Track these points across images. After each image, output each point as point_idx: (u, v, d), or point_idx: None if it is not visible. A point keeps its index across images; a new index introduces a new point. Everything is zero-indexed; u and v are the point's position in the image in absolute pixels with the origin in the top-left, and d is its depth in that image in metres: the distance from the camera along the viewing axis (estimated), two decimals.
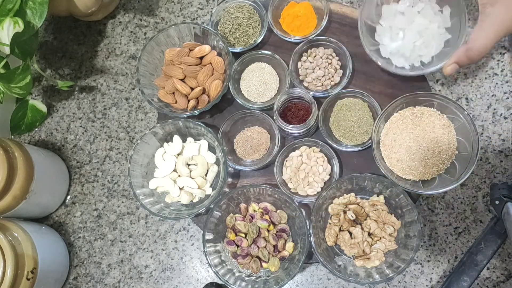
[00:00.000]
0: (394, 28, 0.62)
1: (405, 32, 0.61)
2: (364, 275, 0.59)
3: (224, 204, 0.63)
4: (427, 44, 0.61)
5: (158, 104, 0.68)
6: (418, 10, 0.61)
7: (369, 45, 0.62)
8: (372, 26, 0.64)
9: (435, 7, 0.62)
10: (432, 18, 0.61)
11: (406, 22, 0.61)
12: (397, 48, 0.62)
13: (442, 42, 0.62)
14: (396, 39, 0.62)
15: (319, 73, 0.66)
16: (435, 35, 0.61)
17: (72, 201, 0.74)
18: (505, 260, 0.62)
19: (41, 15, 0.62)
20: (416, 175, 0.61)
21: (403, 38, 0.61)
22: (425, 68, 0.62)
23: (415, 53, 0.62)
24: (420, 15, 0.61)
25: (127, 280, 0.70)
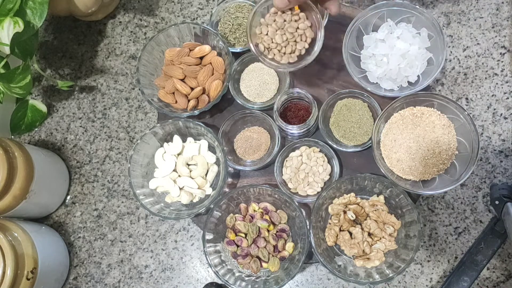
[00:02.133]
0: (378, 55, 0.64)
1: (388, 57, 0.63)
2: (364, 275, 0.59)
3: (224, 204, 0.63)
4: (412, 65, 0.63)
5: (158, 104, 0.68)
6: (397, 35, 0.64)
7: (356, 74, 0.64)
8: (356, 55, 0.66)
9: (412, 31, 0.64)
10: (412, 41, 0.63)
11: (388, 48, 0.63)
12: (383, 72, 0.64)
13: (425, 60, 0.64)
14: (381, 65, 0.64)
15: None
16: (417, 56, 0.63)
17: (72, 201, 0.74)
18: (505, 260, 0.62)
19: (41, 15, 0.62)
20: (416, 175, 0.61)
21: (388, 63, 0.63)
22: (413, 86, 0.64)
23: (401, 75, 0.64)
24: (400, 40, 0.63)
25: (127, 280, 0.70)
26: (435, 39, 0.62)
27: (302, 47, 0.55)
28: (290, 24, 0.54)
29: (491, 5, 0.70)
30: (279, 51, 0.56)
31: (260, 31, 0.55)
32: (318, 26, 0.54)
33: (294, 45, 0.55)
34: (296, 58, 0.55)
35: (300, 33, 0.55)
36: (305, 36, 0.55)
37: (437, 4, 0.71)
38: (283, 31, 0.54)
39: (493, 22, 0.69)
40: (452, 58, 0.69)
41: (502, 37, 0.69)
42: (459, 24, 0.70)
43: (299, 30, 0.54)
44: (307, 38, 0.55)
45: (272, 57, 0.56)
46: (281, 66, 0.57)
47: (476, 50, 0.69)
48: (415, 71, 0.63)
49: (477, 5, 0.70)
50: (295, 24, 0.54)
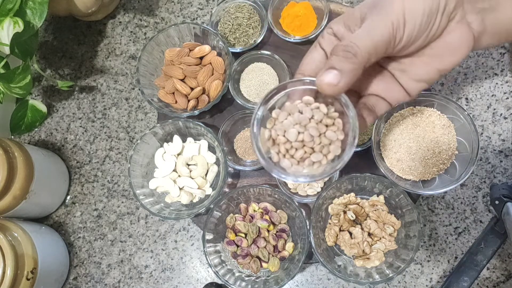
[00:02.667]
0: None
1: None
2: (364, 275, 0.59)
3: (224, 204, 0.63)
4: None
5: (158, 104, 0.68)
6: None
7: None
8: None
9: None
10: None
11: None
12: None
13: None
14: None
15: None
16: None
17: (72, 201, 0.74)
18: (505, 260, 0.62)
19: (41, 15, 0.62)
20: (416, 175, 0.61)
21: None
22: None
23: None
24: None
25: (127, 280, 0.70)
26: None
27: (317, 161, 0.37)
28: (317, 125, 0.36)
29: None
30: (287, 150, 0.38)
31: (277, 115, 0.38)
32: (350, 142, 0.36)
33: (309, 152, 0.37)
34: (301, 170, 0.38)
35: (325, 142, 0.36)
36: (328, 149, 0.37)
37: None
38: (303, 128, 0.36)
39: None
40: None
41: None
42: None
43: (324, 137, 0.36)
44: (329, 153, 0.37)
45: (272, 152, 0.39)
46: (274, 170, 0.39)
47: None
48: None
49: None
50: (323, 127, 0.36)
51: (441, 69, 0.33)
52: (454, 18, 0.32)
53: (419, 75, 0.34)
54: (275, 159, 0.38)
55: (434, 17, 0.31)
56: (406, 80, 0.35)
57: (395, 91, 0.35)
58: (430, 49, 0.33)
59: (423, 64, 0.34)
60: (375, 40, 0.31)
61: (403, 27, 0.31)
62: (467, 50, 0.33)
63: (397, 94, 0.35)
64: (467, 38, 0.33)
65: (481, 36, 0.34)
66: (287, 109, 0.37)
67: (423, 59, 0.34)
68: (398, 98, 0.36)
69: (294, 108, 0.37)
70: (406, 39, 0.32)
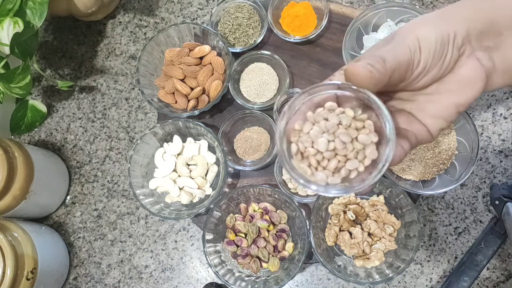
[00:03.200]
0: None
1: None
2: (364, 275, 0.59)
3: (224, 204, 0.63)
4: None
5: (158, 104, 0.68)
6: None
7: None
8: (356, 55, 0.66)
9: None
10: None
11: None
12: None
13: None
14: None
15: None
16: None
17: (72, 201, 0.74)
18: (505, 260, 0.62)
19: (41, 15, 0.62)
20: (416, 175, 0.61)
21: None
22: None
23: None
24: None
25: (127, 280, 0.70)
26: None
27: (354, 168, 0.33)
28: (346, 130, 0.33)
29: None
30: (318, 162, 0.34)
31: (301, 127, 0.34)
32: (387, 143, 0.32)
33: (343, 161, 0.33)
34: (338, 181, 0.33)
35: (358, 147, 0.33)
36: (363, 154, 0.33)
37: (437, 4, 0.71)
38: (332, 136, 0.33)
39: None
40: None
41: None
42: None
43: (356, 142, 0.33)
44: (365, 159, 0.33)
45: (305, 168, 0.35)
46: (311, 184, 0.35)
47: None
48: None
49: None
50: (354, 132, 0.33)
51: (458, 104, 0.34)
52: (464, 53, 0.33)
53: (437, 112, 0.34)
54: (308, 173, 0.34)
55: (446, 47, 0.32)
56: (424, 117, 0.35)
57: (417, 127, 0.35)
58: (444, 84, 0.34)
59: (440, 100, 0.34)
60: (398, 57, 0.31)
61: (419, 52, 0.32)
62: (481, 83, 0.33)
63: (419, 131, 0.35)
64: (480, 71, 0.33)
65: (491, 74, 0.34)
66: (310, 118, 0.34)
67: (440, 96, 0.34)
68: (422, 134, 0.35)
69: (318, 116, 0.33)
70: (422, 65, 0.32)
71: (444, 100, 0.34)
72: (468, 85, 0.33)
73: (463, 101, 0.33)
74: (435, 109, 0.34)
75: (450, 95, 0.34)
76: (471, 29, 0.33)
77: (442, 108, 0.34)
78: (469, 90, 0.33)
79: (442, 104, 0.34)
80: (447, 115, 0.34)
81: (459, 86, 0.33)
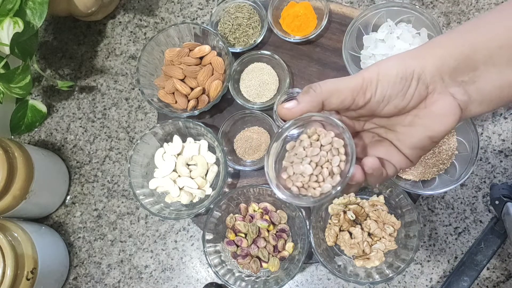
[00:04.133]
0: (378, 55, 0.64)
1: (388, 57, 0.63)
2: (364, 275, 0.59)
3: (224, 204, 0.63)
4: None
5: (158, 104, 0.68)
6: (397, 35, 0.63)
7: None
8: (356, 55, 0.66)
9: (412, 31, 0.64)
10: (412, 41, 0.63)
11: (387, 48, 0.63)
12: None
13: None
14: None
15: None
16: None
17: (72, 201, 0.74)
18: (505, 260, 0.62)
19: (41, 15, 0.62)
20: (416, 175, 0.61)
21: None
22: None
23: None
24: (400, 40, 0.63)
25: (127, 280, 0.70)
26: None
27: (339, 161, 0.39)
28: (311, 148, 0.40)
29: (491, 5, 0.70)
30: (317, 182, 0.40)
31: (287, 175, 0.41)
32: (349, 162, 0.38)
33: (329, 165, 0.40)
34: (338, 178, 0.39)
35: (327, 149, 0.40)
36: (335, 149, 0.40)
37: (437, 4, 0.71)
38: (308, 159, 0.40)
39: None
40: None
41: None
42: (459, 24, 0.70)
43: (323, 147, 0.40)
44: (338, 150, 0.39)
45: (311, 192, 0.40)
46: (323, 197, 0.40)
47: None
48: None
49: (477, 5, 0.70)
50: (316, 144, 0.40)
51: (431, 136, 0.37)
52: (436, 89, 0.36)
53: (413, 143, 0.38)
54: (318, 193, 0.40)
55: (409, 81, 0.35)
56: (403, 147, 0.39)
57: (396, 156, 0.39)
58: (419, 118, 0.37)
59: (414, 133, 0.38)
60: (340, 85, 0.36)
61: (375, 84, 0.36)
62: (454, 118, 0.36)
63: (398, 158, 0.39)
64: (452, 107, 0.36)
65: (468, 105, 0.36)
66: (287, 165, 0.41)
67: (414, 129, 0.37)
68: (400, 162, 0.39)
69: (289, 158, 0.41)
70: (379, 94, 0.36)
71: (418, 132, 0.37)
72: (440, 119, 0.36)
73: (436, 133, 0.36)
74: (410, 141, 0.38)
75: (423, 128, 0.37)
76: (444, 66, 0.35)
77: (417, 140, 0.37)
78: (441, 124, 0.36)
79: (416, 137, 0.37)
80: (422, 145, 0.38)
81: (432, 121, 0.36)
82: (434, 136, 0.37)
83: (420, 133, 0.37)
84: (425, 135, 0.37)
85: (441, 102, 0.36)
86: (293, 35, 0.70)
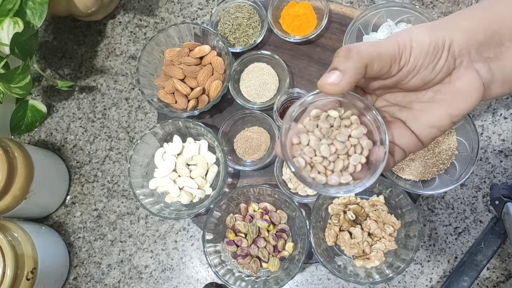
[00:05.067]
0: None
1: None
2: (364, 275, 0.59)
3: (224, 204, 0.63)
4: None
5: (158, 104, 0.68)
6: None
7: None
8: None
9: None
10: None
11: None
12: None
13: None
14: None
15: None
16: None
17: (72, 201, 0.74)
18: (505, 260, 0.62)
19: (41, 15, 0.62)
20: (416, 175, 0.61)
21: None
22: None
23: None
24: None
25: (127, 280, 0.70)
26: None
27: (357, 162, 0.37)
28: (339, 131, 0.36)
29: None
30: (325, 167, 0.37)
31: (299, 141, 0.37)
32: (377, 129, 0.36)
33: (346, 159, 0.37)
34: (350, 178, 0.36)
35: (354, 142, 0.36)
36: (360, 147, 0.37)
37: (437, 4, 0.71)
38: (330, 140, 0.36)
39: None
40: None
41: None
42: None
43: (351, 138, 0.36)
44: (363, 150, 0.37)
45: (316, 175, 0.37)
46: (329, 189, 0.37)
47: None
48: None
49: None
50: (345, 130, 0.36)
51: (452, 115, 0.34)
52: (462, 63, 0.33)
53: (430, 121, 0.35)
54: (324, 181, 0.36)
55: (440, 52, 0.33)
56: (418, 127, 0.35)
57: (407, 137, 0.36)
58: (441, 94, 0.34)
59: (434, 110, 0.35)
60: (379, 50, 0.32)
61: (409, 50, 0.33)
62: (478, 95, 0.34)
63: (409, 140, 0.36)
64: (477, 84, 0.33)
65: (490, 84, 0.34)
66: (303, 131, 0.37)
67: (435, 105, 0.35)
68: (410, 145, 0.36)
69: (310, 126, 0.36)
70: (412, 63, 0.33)
71: (438, 109, 0.34)
72: (464, 97, 0.34)
73: (457, 112, 0.34)
74: (428, 119, 0.35)
75: (445, 105, 0.34)
76: (471, 40, 0.33)
77: (436, 118, 0.35)
78: (465, 102, 0.34)
79: (437, 114, 0.35)
80: (440, 124, 0.35)
81: (455, 97, 0.34)
82: (455, 115, 0.34)
83: (441, 110, 0.34)
84: (446, 113, 0.34)
85: (466, 78, 0.33)
86: (293, 35, 0.70)
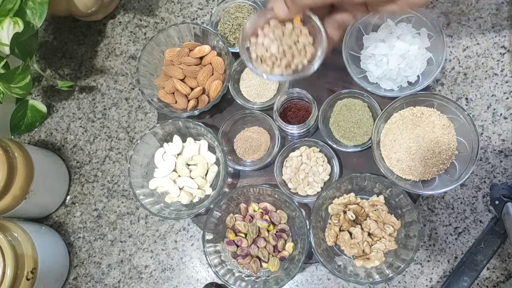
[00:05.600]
0: (378, 55, 0.64)
1: (388, 57, 0.63)
2: (364, 275, 0.59)
3: (224, 204, 0.63)
4: (411, 65, 0.63)
5: (158, 104, 0.68)
6: (397, 35, 0.64)
7: (356, 74, 0.64)
8: (356, 55, 0.66)
9: (412, 31, 0.64)
10: (412, 41, 0.63)
11: (387, 48, 0.63)
12: (383, 73, 0.64)
13: (425, 61, 0.64)
14: (381, 65, 0.64)
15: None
16: (417, 56, 0.63)
17: (72, 201, 0.74)
18: (505, 260, 0.62)
19: (41, 15, 0.62)
20: (416, 175, 0.61)
21: (388, 63, 0.63)
22: (413, 86, 0.64)
23: (401, 75, 0.64)
24: (400, 40, 0.63)
25: (127, 280, 0.70)
26: (435, 39, 0.62)
27: (300, 62, 0.49)
28: (289, 37, 0.48)
29: (491, 5, 0.70)
30: (273, 62, 0.49)
31: (256, 40, 0.49)
32: (320, 42, 0.48)
33: (291, 58, 0.49)
34: (290, 72, 0.49)
35: (300, 47, 0.49)
36: (304, 51, 0.49)
37: (437, 4, 0.71)
38: (280, 42, 0.48)
39: (493, 22, 0.69)
40: (452, 58, 0.69)
41: (502, 37, 0.69)
42: (459, 24, 0.70)
43: (298, 44, 0.49)
44: (306, 53, 0.49)
45: (264, 67, 0.50)
46: (272, 76, 0.50)
47: (476, 50, 0.69)
48: (415, 71, 0.63)
49: (477, 5, 0.70)
50: (295, 37, 0.48)
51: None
52: None
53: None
54: (268, 71, 0.49)
55: None
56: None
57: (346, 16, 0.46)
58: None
59: None
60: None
61: None
62: None
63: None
64: None
65: None
66: (261, 34, 0.48)
67: None
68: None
69: (268, 30, 0.48)
70: None
71: None
72: None
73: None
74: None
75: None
76: None
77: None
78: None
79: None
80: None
81: None
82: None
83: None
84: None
85: None
86: None
